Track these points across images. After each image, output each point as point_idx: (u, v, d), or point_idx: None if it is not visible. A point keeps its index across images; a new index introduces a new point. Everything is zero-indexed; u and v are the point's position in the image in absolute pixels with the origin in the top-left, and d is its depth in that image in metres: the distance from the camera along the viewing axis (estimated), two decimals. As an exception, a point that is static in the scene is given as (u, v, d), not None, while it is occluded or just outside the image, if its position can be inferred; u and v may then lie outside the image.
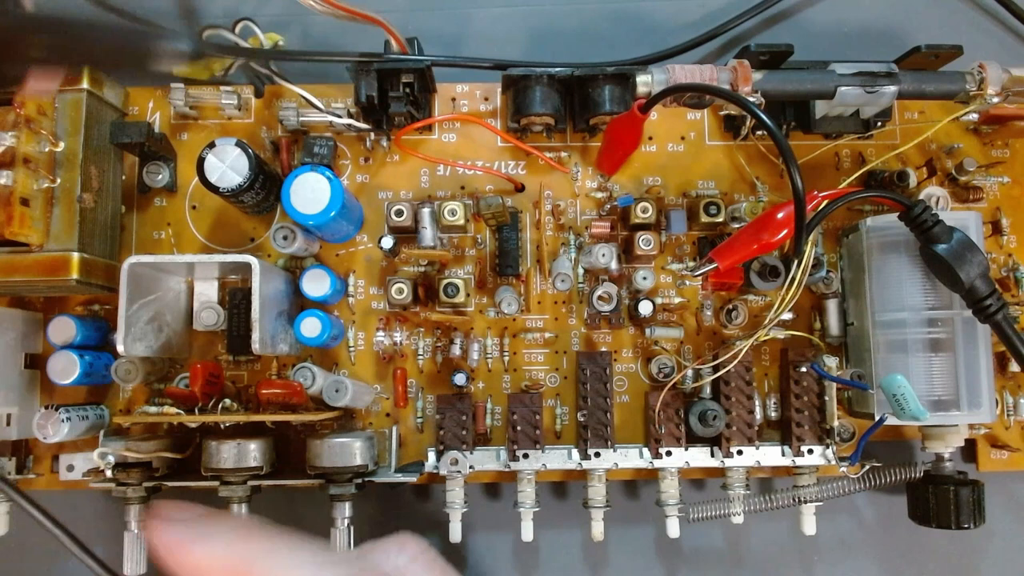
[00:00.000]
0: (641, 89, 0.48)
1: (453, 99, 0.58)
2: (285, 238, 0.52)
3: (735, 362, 0.51)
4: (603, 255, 0.53)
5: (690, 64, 0.49)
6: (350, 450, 0.50)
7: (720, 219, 0.54)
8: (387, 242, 0.52)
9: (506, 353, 0.55)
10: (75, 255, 0.49)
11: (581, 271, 0.56)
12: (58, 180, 0.49)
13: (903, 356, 0.50)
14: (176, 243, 0.56)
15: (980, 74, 0.50)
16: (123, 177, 0.55)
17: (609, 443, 0.52)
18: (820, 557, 0.58)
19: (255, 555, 0.29)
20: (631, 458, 0.53)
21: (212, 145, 0.49)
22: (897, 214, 0.49)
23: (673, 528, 0.52)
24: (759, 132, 0.57)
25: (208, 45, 0.53)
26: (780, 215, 0.47)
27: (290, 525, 0.56)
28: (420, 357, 0.55)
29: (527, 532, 0.52)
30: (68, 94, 0.50)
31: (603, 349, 0.55)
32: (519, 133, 0.56)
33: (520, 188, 0.57)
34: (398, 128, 0.56)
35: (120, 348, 0.47)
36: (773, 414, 0.55)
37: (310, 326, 0.51)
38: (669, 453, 0.53)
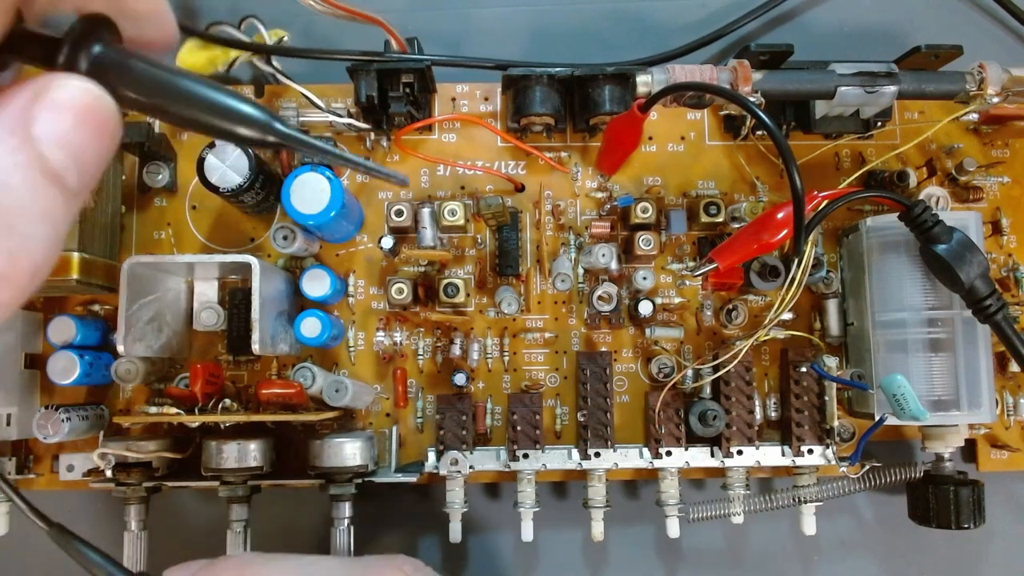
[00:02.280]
0: (641, 89, 0.48)
1: (453, 99, 0.58)
2: (285, 238, 0.52)
3: (735, 362, 0.51)
4: (603, 255, 0.53)
5: (690, 64, 0.49)
6: (350, 450, 0.50)
7: (720, 219, 0.54)
8: (387, 242, 0.52)
9: (506, 353, 0.55)
10: (75, 255, 0.48)
11: (581, 271, 0.56)
12: (58, 180, 0.49)
13: (903, 356, 0.50)
14: (176, 243, 0.56)
15: (980, 74, 0.49)
16: (123, 177, 0.55)
17: (609, 443, 0.52)
18: (820, 557, 0.58)
19: (252, 562, 0.30)
20: (631, 458, 0.53)
21: (212, 145, 0.49)
22: (897, 214, 0.49)
23: (673, 528, 0.52)
24: (759, 132, 0.57)
25: (211, 38, 0.53)
26: (780, 215, 0.47)
27: (290, 525, 0.57)
28: (420, 357, 0.55)
29: (527, 532, 0.52)
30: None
31: (603, 349, 0.55)
32: (519, 133, 0.56)
33: (520, 188, 0.56)
34: (398, 128, 0.56)
35: (120, 348, 0.47)
36: (773, 414, 0.55)
37: (310, 326, 0.51)
38: (669, 453, 0.53)
